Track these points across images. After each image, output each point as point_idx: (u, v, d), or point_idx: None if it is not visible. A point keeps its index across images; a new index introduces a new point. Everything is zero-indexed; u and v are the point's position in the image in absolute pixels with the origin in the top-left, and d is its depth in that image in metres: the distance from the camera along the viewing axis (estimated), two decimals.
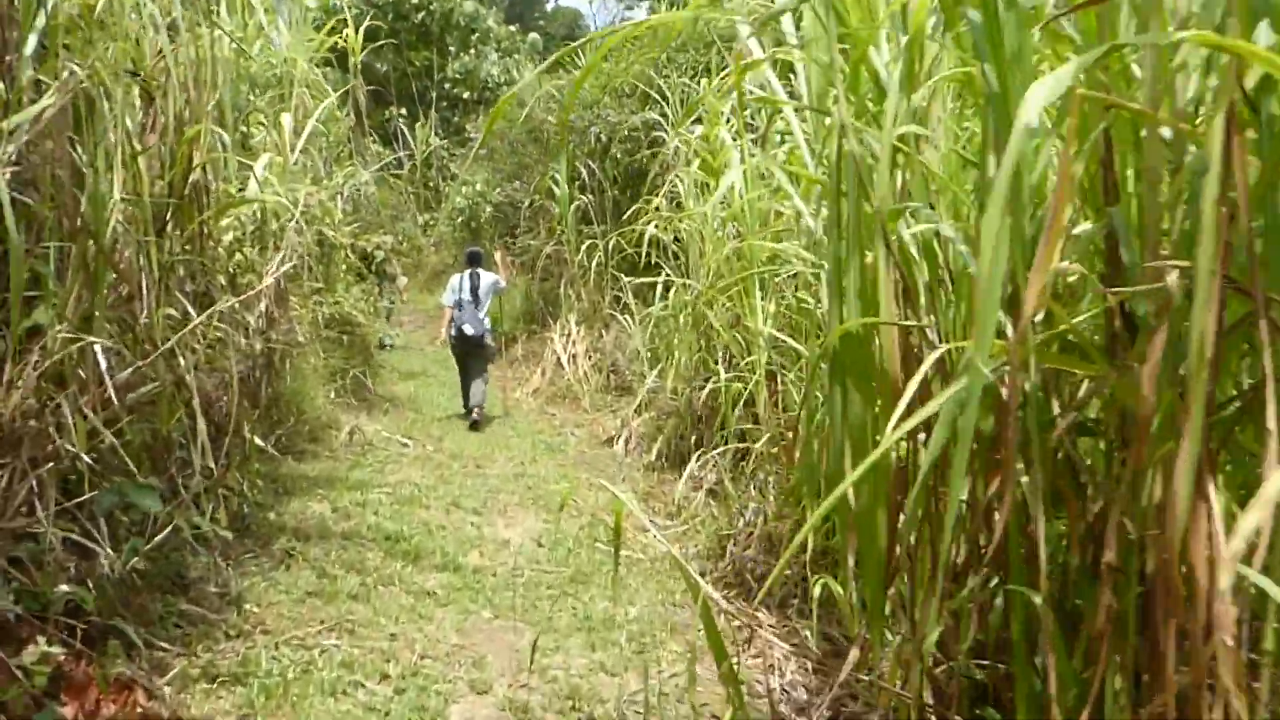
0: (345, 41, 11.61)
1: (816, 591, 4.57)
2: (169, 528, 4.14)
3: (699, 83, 11.17)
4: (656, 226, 9.78)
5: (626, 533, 6.57)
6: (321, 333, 8.98)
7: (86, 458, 3.54)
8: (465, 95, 26.28)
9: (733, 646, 4.39)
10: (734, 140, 7.45)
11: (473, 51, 27.16)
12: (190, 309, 4.39)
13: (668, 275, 9.71)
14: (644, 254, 10.38)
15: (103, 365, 3.68)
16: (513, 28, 29.14)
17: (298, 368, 7.91)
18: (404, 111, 24.55)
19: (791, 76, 4.72)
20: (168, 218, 4.31)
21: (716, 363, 8.14)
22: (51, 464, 3.47)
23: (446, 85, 26.93)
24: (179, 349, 4.24)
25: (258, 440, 5.54)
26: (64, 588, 3.39)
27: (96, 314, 3.69)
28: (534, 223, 15.19)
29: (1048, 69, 2.43)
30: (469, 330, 10.13)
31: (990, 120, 2.22)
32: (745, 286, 6.49)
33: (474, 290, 10.35)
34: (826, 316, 5.29)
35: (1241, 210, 1.77)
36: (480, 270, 10.56)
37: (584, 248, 12.90)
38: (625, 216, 13.09)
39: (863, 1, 2.96)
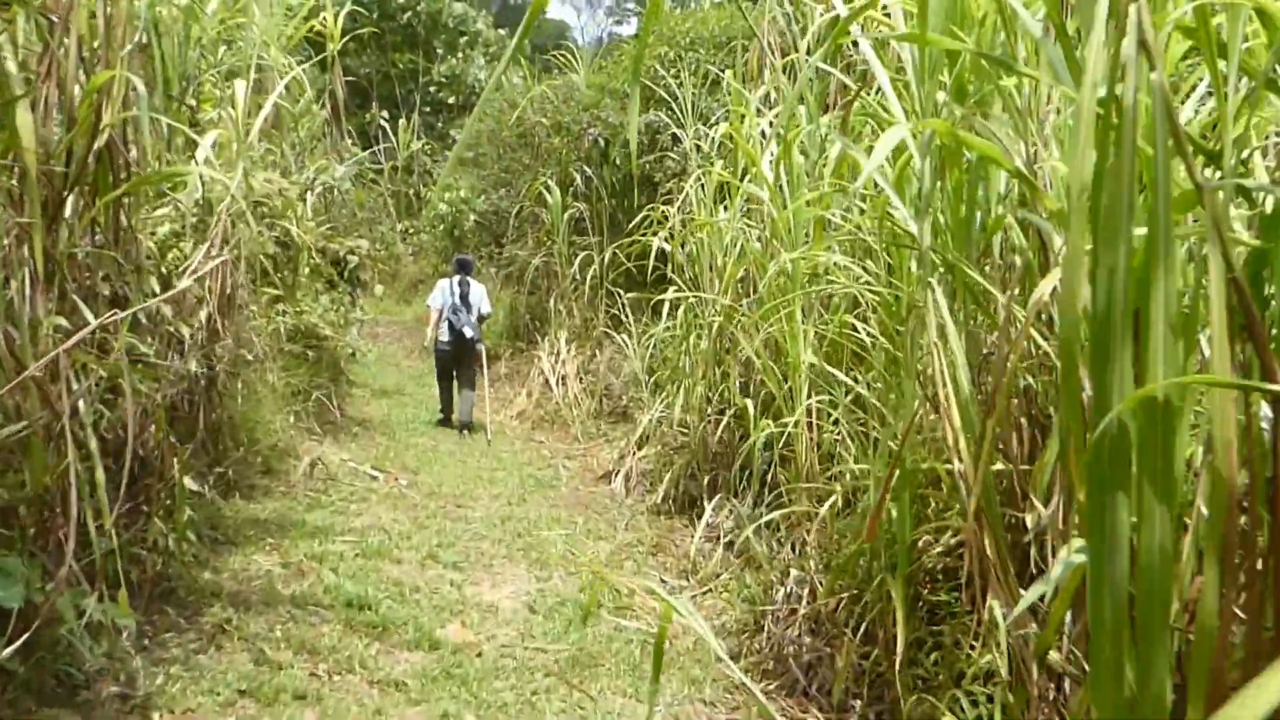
0: (323, 26, 10.50)
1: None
2: (54, 612, 3.06)
3: (709, 85, 10.18)
4: (668, 238, 8.75)
5: (631, 595, 5.51)
6: (283, 346, 7.89)
7: None
8: (450, 100, 25.21)
9: None
10: (768, 137, 6.45)
11: (460, 55, 26.14)
12: (91, 318, 3.30)
13: (677, 291, 8.69)
14: (648, 268, 9.37)
15: None
16: (502, 31, 28.11)
17: (251, 387, 6.82)
18: (385, 114, 23.41)
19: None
20: (64, 194, 3.23)
21: (734, 394, 7.14)
22: None
23: (431, 89, 25.87)
24: (73, 372, 3.16)
25: (188, 482, 4.44)
26: None
27: None
28: (522, 232, 14.13)
29: None
30: (469, 333, 9.96)
31: None
32: (787, 308, 5.45)
33: (464, 298, 10.19)
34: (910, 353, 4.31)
35: None
36: (471, 280, 10.43)
37: (577, 260, 11.86)
38: (628, 227, 12.16)
39: None
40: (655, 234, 9.11)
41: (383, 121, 22.85)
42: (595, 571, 5.80)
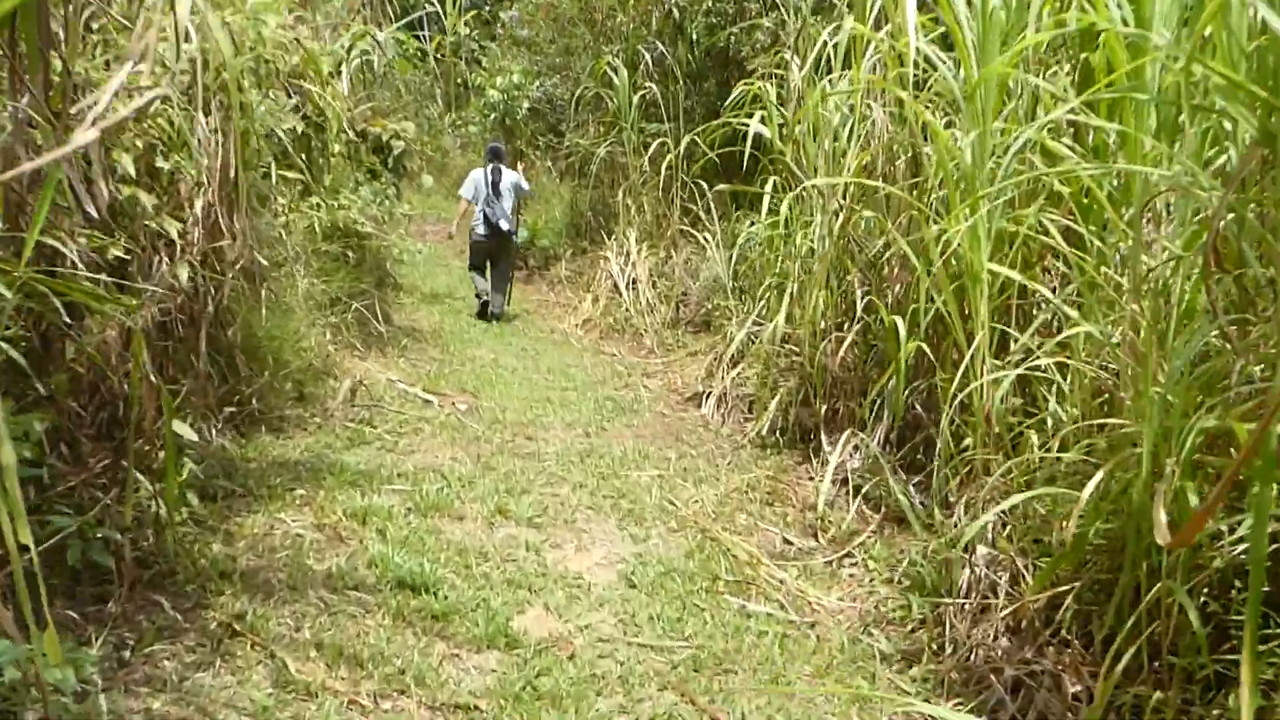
0: None
1: None
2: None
3: None
4: (763, 118, 7.38)
5: (753, 563, 4.37)
6: (317, 246, 6.72)
7: None
8: None
9: None
10: None
11: None
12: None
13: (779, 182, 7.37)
14: (738, 157, 8.03)
15: None
16: None
17: (279, 297, 5.68)
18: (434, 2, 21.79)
19: None
20: None
21: (857, 306, 5.89)
22: None
23: None
24: None
25: (183, 429, 3.31)
26: None
27: None
28: (583, 119, 12.74)
29: None
30: (504, 225, 9.85)
31: None
32: (969, 204, 4.13)
33: (494, 186, 9.91)
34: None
35: None
36: (503, 167, 10.10)
37: (649, 150, 10.49)
38: (709, 111, 10.73)
39: None
40: (748, 115, 7.75)
41: (429, 5, 21.32)
42: (704, 530, 4.65)
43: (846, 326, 6.05)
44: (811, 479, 5.58)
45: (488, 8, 22.87)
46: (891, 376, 5.20)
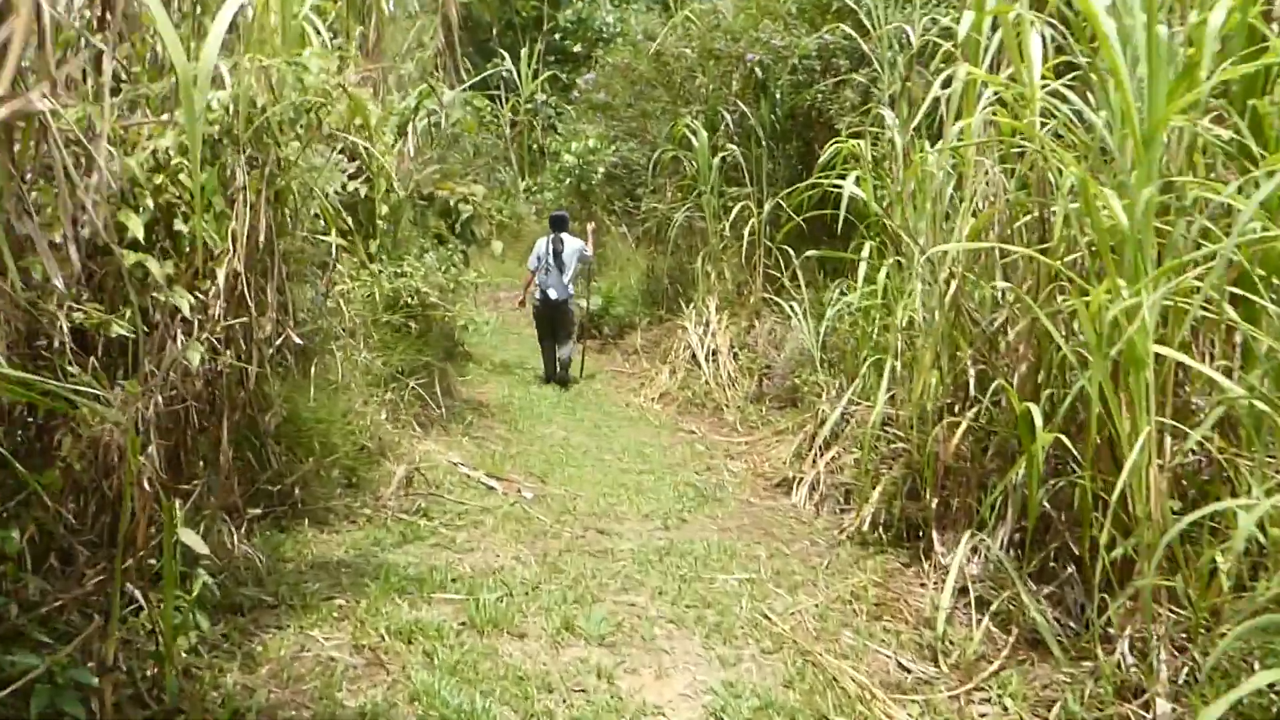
0: None
1: None
2: None
3: None
4: (857, 179, 6.80)
5: (866, 698, 3.68)
6: (378, 317, 6.27)
7: None
8: (576, 48, 23.37)
9: None
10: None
11: None
12: None
13: (874, 248, 6.78)
14: (833, 218, 7.46)
15: None
16: None
17: (331, 372, 5.20)
18: (509, 67, 21.75)
19: None
20: None
21: (971, 387, 5.22)
22: None
23: (556, 36, 24.22)
24: None
25: (191, 539, 2.76)
26: None
27: None
28: (660, 183, 12.29)
29: None
30: (553, 294, 9.80)
31: None
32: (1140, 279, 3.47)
33: (557, 255, 9.86)
34: None
35: None
36: (565, 235, 10.01)
37: (731, 214, 9.96)
38: (794, 173, 10.20)
39: None
40: (840, 176, 7.18)
41: (505, 73, 21.32)
42: (804, 652, 3.97)
43: (959, 410, 5.37)
44: (923, 586, 4.86)
45: (566, 73, 22.84)
46: (1019, 470, 4.51)
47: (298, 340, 4.02)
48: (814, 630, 4.21)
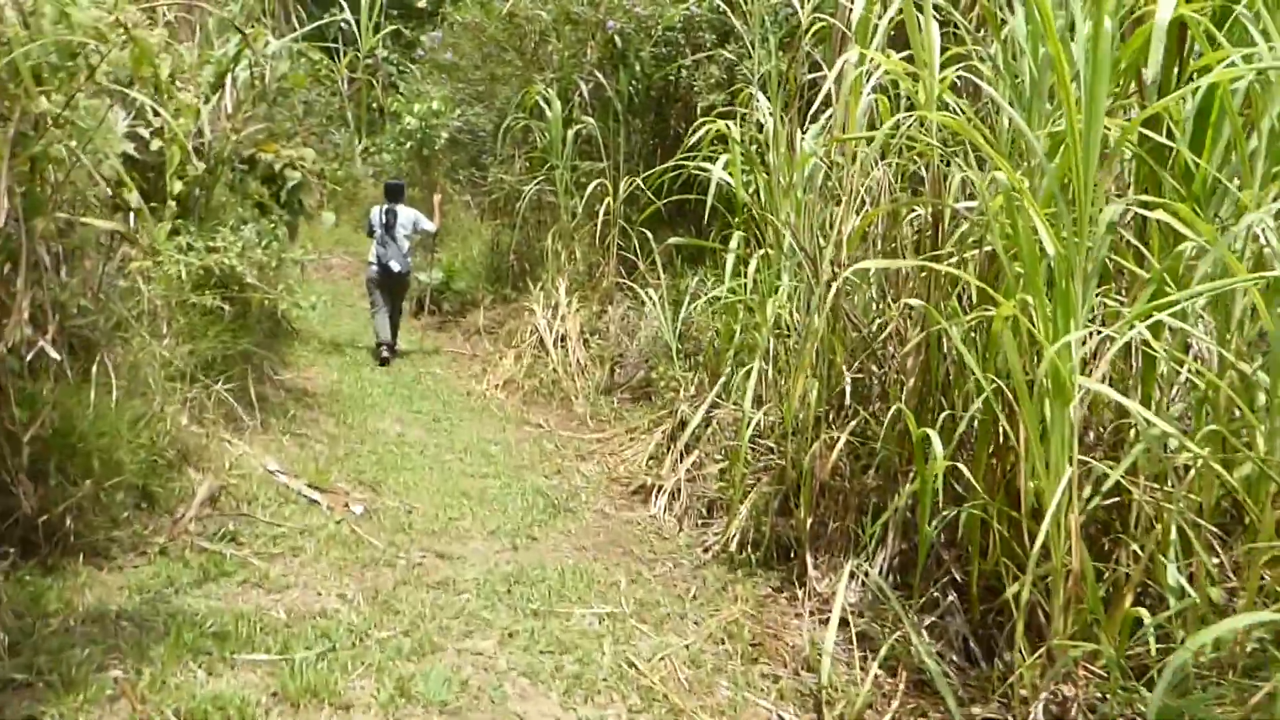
0: None
1: None
2: None
3: None
4: (727, 166, 6.33)
5: None
6: (183, 298, 5.43)
7: None
8: (422, 3, 22.15)
9: None
10: None
11: None
12: None
13: (741, 237, 6.35)
14: (697, 203, 7.01)
15: None
16: None
17: (126, 366, 4.38)
18: (348, 18, 20.36)
19: None
20: None
21: (846, 396, 4.86)
22: None
23: None
24: None
25: None
26: None
27: None
28: (509, 153, 11.57)
29: None
30: (395, 267, 9.58)
31: None
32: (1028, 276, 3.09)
33: (388, 227, 9.67)
34: None
35: None
36: (399, 206, 9.82)
37: (586, 191, 9.37)
38: (652, 151, 9.68)
39: None
40: (708, 158, 6.71)
41: (344, 25, 19.96)
42: (678, 711, 3.47)
43: (835, 421, 4.99)
44: (799, 617, 4.45)
45: (411, 29, 21.56)
46: (906, 494, 4.16)
47: (45, 337, 3.22)
48: (686, 680, 3.73)
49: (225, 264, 5.50)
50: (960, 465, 3.87)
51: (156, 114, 6.00)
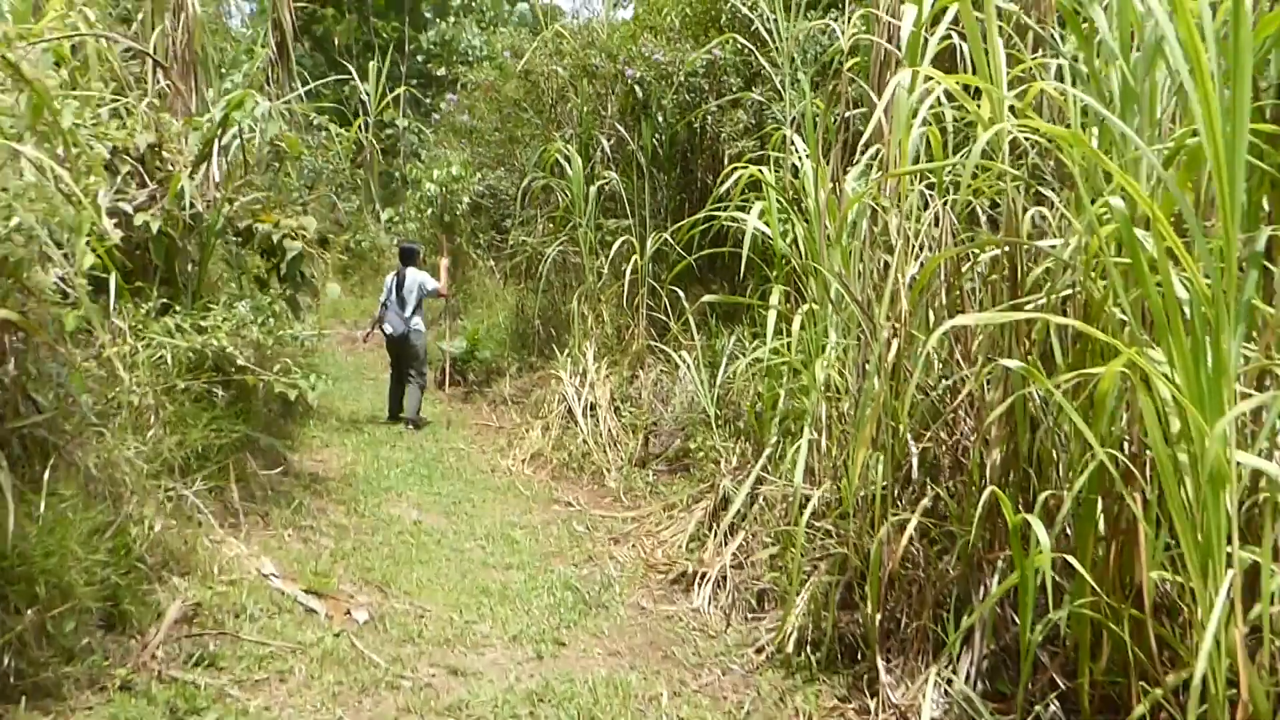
0: None
1: None
2: None
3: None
4: (762, 214, 5.78)
5: None
6: (169, 382, 4.92)
7: None
8: (440, 72, 22.05)
9: None
10: None
11: (451, 20, 23.05)
12: None
13: (782, 291, 5.79)
14: (729, 257, 6.48)
15: None
16: None
17: (98, 463, 3.86)
18: (367, 89, 20.25)
19: None
20: None
21: (914, 469, 4.25)
22: None
23: (419, 58, 22.86)
24: None
25: None
26: None
27: None
28: (530, 214, 11.13)
29: None
30: (388, 329, 9.42)
31: None
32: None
33: (399, 290, 9.55)
34: None
35: None
36: (409, 270, 9.61)
37: (612, 249, 8.86)
38: (680, 204, 9.18)
39: None
40: (739, 208, 6.18)
41: (364, 97, 19.85)
42: None
43: (901, 497, 4.36)
44: None
45: (430, 97, 21.41)
46: (999, 590, 3.51)
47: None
48: None
49: (215, 345, 4.98)
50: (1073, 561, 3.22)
51: (142, 185, 5.60)
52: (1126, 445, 3.23)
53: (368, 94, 19.89)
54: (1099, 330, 2.95)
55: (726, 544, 5.42)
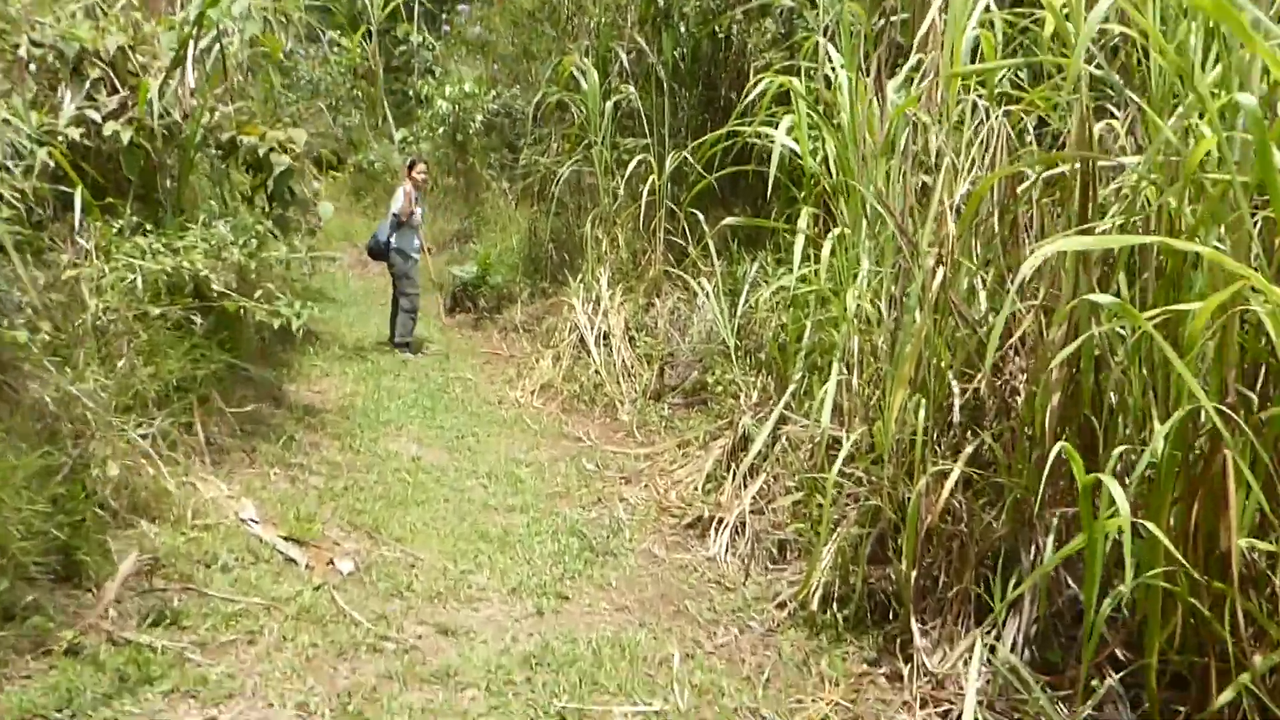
0: None
1: None
2: None
3: None
4: (791, 129, 5.27)
5: None
6: (141, 308, 4.52)
7: None
8: None
9: None
10: None
11: None
12: None
13: (812, 214, 5.30)
14: (754, 177, 5.98)
15: None
16: None
17: (54, 398, 3.48)
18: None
19: None
20: None
21: (956, 415, 3.81)
22: None
23: None
24: None
25: None
26: None
27: None
28: (545, 132, 10.58)
29: None
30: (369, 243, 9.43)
31: None
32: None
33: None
34: None
35: None
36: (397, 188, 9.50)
37: (627, 169, 8.34)
38: (702, 121, 8.60)
39: None
40: (765, 123, 5.65)
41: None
42: None
43: (942, 444, 3.93)
44: (907, 705, 3.41)
45: (443, 10, 20.60)
46: (1057, 555, 3.09)
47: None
48: None
49: (188, 267, 4.56)
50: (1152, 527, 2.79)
51: (114, 91, 5.14)
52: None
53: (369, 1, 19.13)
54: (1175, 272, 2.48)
55: (746, 487, 5.02)
